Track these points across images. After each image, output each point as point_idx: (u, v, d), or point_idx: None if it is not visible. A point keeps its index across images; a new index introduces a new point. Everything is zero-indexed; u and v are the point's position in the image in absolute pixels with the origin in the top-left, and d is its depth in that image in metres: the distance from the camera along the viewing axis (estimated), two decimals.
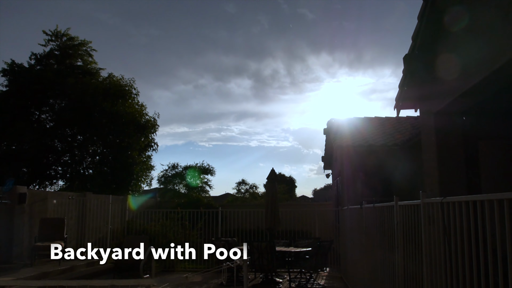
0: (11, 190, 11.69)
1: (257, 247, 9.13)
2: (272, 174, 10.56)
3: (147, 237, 11.59)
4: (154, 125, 22.65)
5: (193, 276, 4.13)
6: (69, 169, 22.53)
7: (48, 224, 12.01)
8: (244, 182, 40.67)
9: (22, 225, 12.01)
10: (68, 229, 13.16)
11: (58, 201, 13.82)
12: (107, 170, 21.83)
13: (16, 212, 11.78)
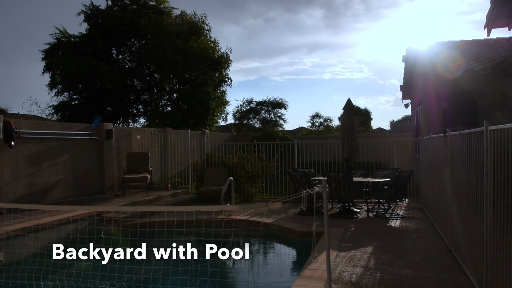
0: (99, 127, 12.46)
1: (334, 178, 9.13)
2: (349, 104, 10.29)
3: (226, 169, 11.98)
4: (227, 60, 22.75)
5: (273, 203, 4.21)
6: (148, 107, 23.52)
7: (134, 158, 12.78)
8: (318, 116, 40.28)
9: (111, 159, 12.87)
10: (152, 162, 13.93)
11: (142, 136, 14.58)
12: (184, 106, 22.51)
13: (105, 147, 12.61)
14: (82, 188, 11.93)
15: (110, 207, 5.55)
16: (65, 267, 6.48)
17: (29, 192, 10.20)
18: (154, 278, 6.03)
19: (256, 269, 6.15)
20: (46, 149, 10.76)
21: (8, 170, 9.63)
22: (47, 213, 8.69)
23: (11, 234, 7.01)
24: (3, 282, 5.94)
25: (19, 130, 9.89)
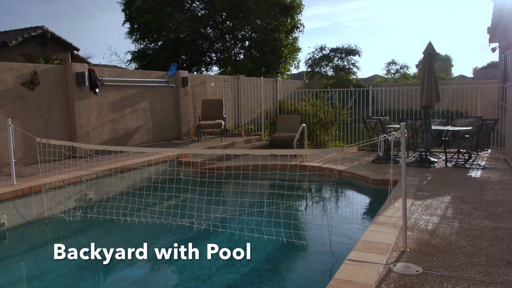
0: (175, 75, 12.81)
1: (411, 125, 8.82)
2: (430, 47, 9.71)
3: (298, 116, 11.96)
4: (299, 5, 22.13)
5: (349, 147, 4.18)
6: (221, 55, 23.73)
7: (208, 105, 13.09)
8: (394, 63, 38.51)
9: (187, 106, 13.28)
10: (226, 109, 14.20)
11: (215, 84, 14.83)
12: (256, 54, 22.45)
13: (181, 94, 13.00)
14: (160, 133, 12.49)
15: (190, 150, 5.79)
16: (148, 205, 6.95)
17: (113, 137, 10.86)
18: (230, 218, 6.31)
19: (329, 214, 6.24)
20: (127, 96, 11.29)
21: (94, 116, 10.27)
22: (131, 156, 9.25)
23: (99, 174, 7.56)
24: (94, 217, 6.49)
25: (102, 78, 10.43)
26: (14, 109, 8.49)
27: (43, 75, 9.05)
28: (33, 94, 8.87)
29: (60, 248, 5.80)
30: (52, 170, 7.85)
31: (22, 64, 8.87)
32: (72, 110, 9.62)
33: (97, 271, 5.07)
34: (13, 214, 6.28)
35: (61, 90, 9.47)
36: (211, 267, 4.87)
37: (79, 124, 9.70)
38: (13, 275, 4.97)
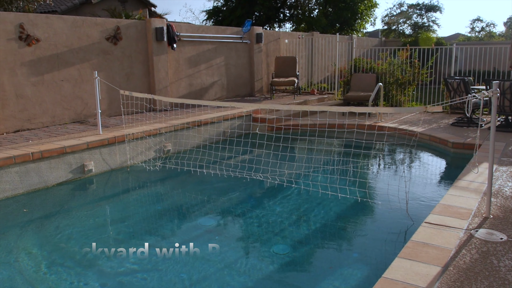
0: (249, 31, 12.76)
1: (498, 87, 8.24)
2: None
3: (374, 75, 11.57)
4: None
5: (433, 106, 3.98)
6: (295, 11, 23.22)
7: (282, 62, 12.98)
8: (479, 20, 35.81)
9: (260, 62, 13.26)
10: (299, 67, 14.02)
11: (289, 40, 14.62)
12: (331, 10, 21.74)
13: (255, 51, 12.97)
14: (234, 90, 12.63)
15: (268, 105, 5.83)
16: (227, 158, 7.14)
17: (189, 92, 11.15)
18: (304, 175, 6.35)
19: (406, 176, 6.09)
20: (203, 52, 11.45)
21: (171, 71, 10.56)
22: (207, 111, 9.48)
23: (177, 127, 7.84)
24: (173, 168, 6.79)
25: (179, 34, 10.62)
26: (99, 63, 8.92)
27: (125, 30, 9.37)
28: (116, 49, 9.24)
29: (141, 195, 6.18)
30: (133, 121, 8.25)
31: (106, 19, 9.21)
32: (151, 64, 9.94)
33: (174, 218, 5.35)
34: (99, 162, 6.72)
35: (141, 45, 9.78)
36: (282, 221, 4.97)
37: (157, 78, 10.03)
38: (99, 217, 5.36)
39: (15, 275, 3.77)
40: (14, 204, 5.49)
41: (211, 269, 3.86)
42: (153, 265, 3.93)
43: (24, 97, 7.74)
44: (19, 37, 7.59)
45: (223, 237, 4.66)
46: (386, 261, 3.82)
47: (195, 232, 4.83)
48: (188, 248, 4.22)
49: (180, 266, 3.90)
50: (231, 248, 4.34)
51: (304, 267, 4.04)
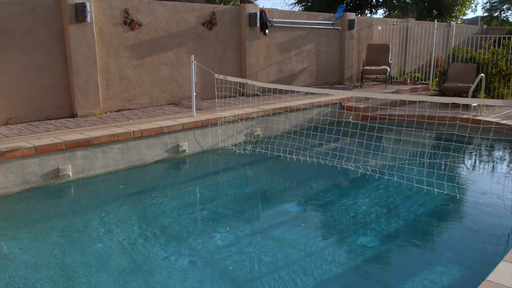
0: (342, 17, 12.49)
1: None
2: None
3: (475, 65, 10.83)
4: None
5: None
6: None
7: (374, 50, 12.58)
8: None
9: (351, 50, 12.95)
10: (392, 55, 13.51)
11: (383, 27, 14.11)
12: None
13: (346, 37, 12.68)
14: (323, 77, 12.48)
15: (361, 93, 5.68)
16: (315, 145, 7.11)
17: (278, 78, 11.19)
18: (398, 167, 6.14)
19: (509, 174, 5.67)
20: (294, 38, 11.41)
21: (262, 56, 10.65)
22: (296, 97, 9.48)
23: (267, 112, 7.92)
24: (263, 152, 6.88)
25: (272, 19, 10.66)
26: (194, 47, 9.22)
27: (220, 15, 9.59)
28: (211, 34, 9.49)
29: (230, 177, 6.32)
30: (225, 105, 8.46)
31: (203, 5, 9.48)
32: (244, 49, 10.10)
33: (261, 201, 5.42)
34: (193, 143, 6.99)
35: (234, 30, 9.96)
36: (370, 213, 4.86)
37: (249, 63, 10.17)
38: (190, 196, 5.58)
39: (114, 245, 4.05)
40: (115, 178, 5.89)
41: (296, 255, 3.88)
42: (239, 247, 4.02)
43: (126, 79, 8.23)
44: (124, 21, 8.06)
45: (309, 224, 4.65)
46: (486, 263, 3.60)
47: (281, 217, 4.87)
48: (274, 233, 4.27)
49: (266, 250, 3.96)
50: (317, 236, 4.33)
51: (392, 262, 3.92)
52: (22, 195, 5.23)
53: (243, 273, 3.57)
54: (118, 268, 3.60)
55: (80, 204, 5.19)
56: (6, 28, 6.77)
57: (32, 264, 3.65)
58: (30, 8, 6.95)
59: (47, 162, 5.44)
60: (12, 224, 4.52)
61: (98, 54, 7.74)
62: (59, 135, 5.91)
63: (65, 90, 7.50)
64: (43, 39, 7.16)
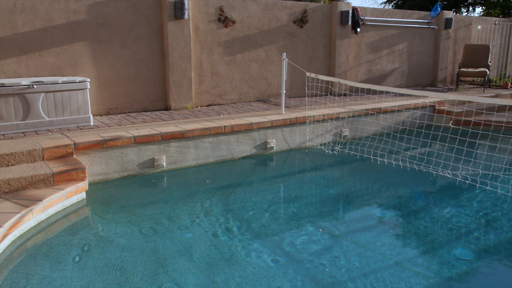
0: (438, 16, 11.88)
1: None
2: None
3: None
4: None
5: None
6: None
7: (472, 51, 11.82)
8: None
9: (446, 50, 12.29)
10: (491, 57, 12.64)
11: (482, 27, 13.24)
12: None
13: (442, 37, 12.06)
14: (414, 78, 11.97)
15: (464, 96, 5.35)
16: (405, 149, 6.82)
17: (367, 78, 10.90)
18: (493, 176, 5.73)
19: None
20: (385, 37, 11.05)
21: (352, 56, 10.43)
22: (386, 98, 9.17)
23: (355, 113, 7.74)
24: (352, 153, 6.72)
25: (364, 17, 10.40)
26: (285, 45, 9.24)
27: (311, 13, 9.52)
28: (301, 32, 9.45)
29: (316, 177, 6.24)
30: (312, 104, 8.39)
31: (295, 3, 9.46)
32: (333, 48, 9.95)
33: (347, 204, 5.29)
34: (280, 140, 7.00)
35: (325, 28, 9.83)
36: (465, 224, 4.55)
37: (338, 62, 10.00)
38: (275, 193, 5.58)
39: (202, 236, 4.15)
40: (205, 171, 6.06)
41: (384, 263, 3.73)
42: (324, 249, 3.94)
43: (217, 75, 8.44)
44: (218, 19, 8.26)
45: (397, 231, 4.46)
46: None
47: (368, 221, 4.71)
48: (359, 237, 4.15)
49: (351, 254, 3.85)
50: (405, 244, 4.13)
51: (491, 279, 3.64)
52: (120, 182, 5.54)
53: (327, 275, 3.50)
54: (206, 259, 3.69)
55: (172, 194, 5.39)
56: (111, 24, 7.20)
57: (127, 248, 3.84)
58: (134, 5, 7.34)
59: (144, 151, 5.72)
60: (110, 208, 4.79)
61: (193, 50, 8.00)
62: (155, 127, 6.19)
63: (161, 84, 7.85)
64: (144, 35, 7.53)
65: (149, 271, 3.45)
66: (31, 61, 6.67)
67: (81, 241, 3.97)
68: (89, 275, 3.39)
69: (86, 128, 6.29)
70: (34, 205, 4.17)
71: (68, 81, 6.26)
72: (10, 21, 6.43)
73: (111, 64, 7.31)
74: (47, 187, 4.64)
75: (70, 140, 5.35)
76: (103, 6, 7.09)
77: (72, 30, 6.91)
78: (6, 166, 4.83)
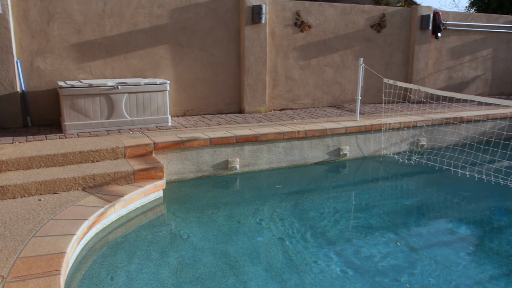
0: None
1: None
2: None
3: None
4: None
5: None
6: None
7: None
8: None
9: None
10: None
11: None
12: None
13: None
14: (498, 86, 11.26)
15: None
16: (489, 161, 6.43)
17: (447, 85, 10.42)
18: None
19: None
20: (468, 42, 10.50)
21: (431, 62, 10.02)
22: (463, 107, 8.72)
23: (434, 122, 7.41)
24: (430, 164, 6.45)
25: (445, 22, 9.96)
26: (360, 50, 9.06)
27: (390, 17, 9.25)
28: (379, 36, 9.21)
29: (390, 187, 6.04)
30: (388, 111, 8.15)
31: (373, 7, 9.26)
32: (412, 54, 9.61)
33: (422, 216, 5.06)
34: (354, 147, 6.86)
35: (403, 33, 9.52)
36: None
37: (416, 68, 9.65)
38: (346, 202, 5.45)
39: (272, 241, 4.14)
40: (277, 175, 6.07)
41: (462, 281, 3.52)
42: (396, 262, 3.79)
43: (291, 79, 8.44)
44: (295, 23, 8.26)
45: (478, 248, 4.20)
46: None
47: (445, 237, 4.48)
48: (436, 252, 3.95)
49: (427, 270, 3.67)
50: (487, 263, 3.87)
51: None
52: (195, 182, 5.68)
53: None
54: (275, 264, 3.68)
55: (243, 196, 5.44)
56: (191, 28, 7.43)
57: (199, 248, 3.92)
58: (213, 10, 7.52)
59: (218, 153, 5.83)
60: (184, 207, 4.93)
61: (268, 54, 8.06)
62: (230, 129, 6.30)
63: (236, 87, 7.98)
64: (221, 39, 7.70)
65: (220, 272, 3.50)
66: (116, 63, 7.03)
67: (157, 238, 4.11)
68: (163, 271, 3.50)
69: (164, 128, 6.52)
70: (116, 201, 4.38)
71: (149, 83, 6.54)
72: (99, 25, 6.82)
73: (190, 67, 7.54)
74: (127, 184, 4.86)
75: (150, 140, 5.58)
76: (185, 11, 7.33)
77: (155, 33, 7.20)
78: (91, 162, 5.11)
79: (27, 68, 6.50)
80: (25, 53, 6.46)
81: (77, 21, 6.68)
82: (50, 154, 4.94)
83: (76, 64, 6.78)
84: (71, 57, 6.73)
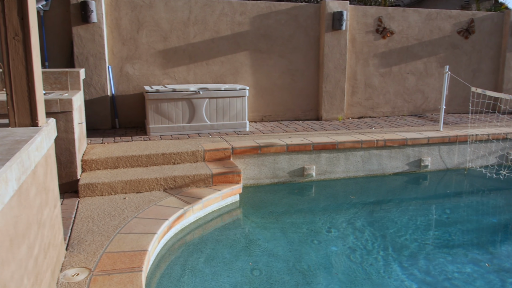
0: None
1: None
2: None
3: None
4: None
5: None
6: None
7: None
8: None
9: None
10: None
11: None
12: None
13: None
14: None
15: None
16: None
17: None
18: None
19: None
20: None
21: None
22: None
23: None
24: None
25: None
26: (446, 57, 8.65)
27: (479, 23, 8.76)
28: (466, 43, 8.75)
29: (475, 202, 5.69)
30: (475, 122, 7.70)
31: (461, 12, 8.81)
32: (503, 61, 9.02)
33: (508, 235, 4.72)
34: (436, 159, 6.55)
35: (494, 39, 8.97)
36: None
37: (507, 77, 9.04)
38: (426, 216, 5.19)
39: (346, 252, 4.04)
40: (354, 185, 5.94)
41: None
42: (476, 284, 3.54)
43: (371, 87, 8.25)
44: (376, 29, 8.07)
45: None
46: None
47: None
48: None
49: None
50: None
51: None
52: (270, 188, 5.72)
53: None
54: (348, 275, 3.59)
55: (319, 204, 5.39)
56: (271, 35, 7.51)
57: (273, 254, 3.93)
58: (293, 16, 7.56)
59: (295, 160, 5.83)
60: (259, 213, 4.97)
61: (347, 61, 7.95)
62: (307, 136, 6.27)
63: (314, 94, 7.94)
64: (301, 45, 7.70)
65: (293, 281, 3.48)
66: (199, 69, 7.28)
67: (232, 242, 4.18)
68: (237, 276, 3.55)
69: (242, 133, 6.64)
70: (195, 203, 4.52)
71: (229, 89, 6.69)
72: (184, 33, 7.10)
73: (268, 73, 7.62)
74: (206, 187, 4.99)
75: (228, 144, 5.70)
76: (265, 18, 7.42)
77: (236, 40, 7.37)
78: (173, 164, 5.32)
79: (117, 73, 6.91)
80: (116, 59, 6.87)
81: (164, 29, 7.00)
82: (135, 155, 5.20)
83: (161, 70, 7.10)
84: (157, 63, 7.07)
